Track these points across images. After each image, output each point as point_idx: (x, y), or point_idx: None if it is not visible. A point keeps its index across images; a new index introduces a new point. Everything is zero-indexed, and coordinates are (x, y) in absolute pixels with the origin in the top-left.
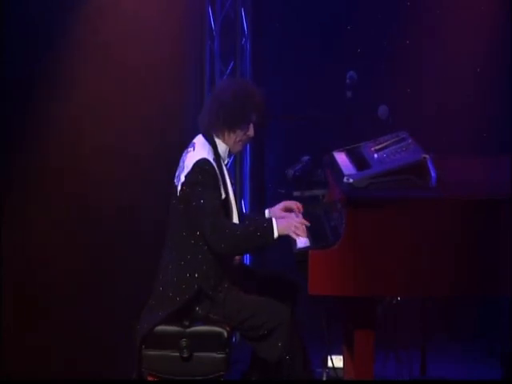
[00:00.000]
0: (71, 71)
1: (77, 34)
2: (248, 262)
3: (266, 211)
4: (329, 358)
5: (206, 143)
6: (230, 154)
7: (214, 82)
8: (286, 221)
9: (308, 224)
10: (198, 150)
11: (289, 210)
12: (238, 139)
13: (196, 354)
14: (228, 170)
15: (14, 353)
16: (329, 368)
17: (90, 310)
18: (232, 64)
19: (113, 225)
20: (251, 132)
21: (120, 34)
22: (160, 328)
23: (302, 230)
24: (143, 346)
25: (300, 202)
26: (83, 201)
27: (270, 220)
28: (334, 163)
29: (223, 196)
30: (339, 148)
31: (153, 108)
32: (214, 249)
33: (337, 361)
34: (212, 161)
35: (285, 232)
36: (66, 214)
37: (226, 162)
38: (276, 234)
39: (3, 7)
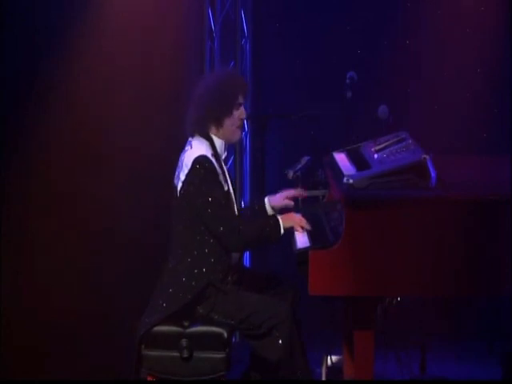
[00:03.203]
0: (71, 71)
1: (76, 35)
2: (248, 263)
3: (266, 199)
4: (329, 357)
5: (203, 140)
6: (226, 147)
7: None
8: (289, 216)
9: (309, 227)
10: (196, 147)
11: (290, 199)
12: (233, 127)
13: (196, 353)
14: (227, 168)
15: (14, 353)
16: (329, 368)
17: (89, 309)
18: (232, 64)
19: (113, 224)
20: (242, 114)
21: (120, 35)
22: (160, 328)
23: (305, 223)
24: (143, 346)
25: (300, 201)
26: (83, 200)
27: (275, 217)
28: (333, 163)
29: (225, 188)
30: (339, 148)
31: (153, 108)
32: (226, 245)
33: (337, 361)
34: (211, 156)
35: (289, 224)
36: (66, 213)
37: (223, 157)
38: (282, 231)
39: (3, 7)
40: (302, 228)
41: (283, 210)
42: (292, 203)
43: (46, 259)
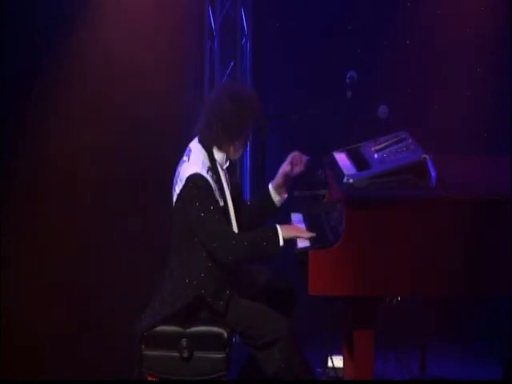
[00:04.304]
0: (71, 71)
1: (77, 35)
2: None
3: (269, 185)
4: (329, 357)
5: (202, 150)
6: (227, 159)
7: (214, 82)
8: (290, 226)
9: (313, 235)
10: (192, 161)
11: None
12: (237, 148)
13: (196, 354)
14: (232, 172)
15: (14, 353)
16: (329, 368)
17: (89, 309)
18: (232, 64)
19: (113, 224)
20: (249, 136)
21: (119, 35)
22: (160, 328)
23: (306, 232)
24: (143, 346)
25: (300, 202)
26: (84, 200)
27: (274, 228)
28: (333, 163)
29: (221, 204)
30: (339, 148)
31: (153, 108)
32: (220, 260)
33: (337, 361)
34: (206, 173)
35: (290, 235)
36: (66, 213)
37: (225, 166)
38: (282, 242)
39: (3, 7)
40: (302, 235)
41: (287, 185)
42: (290, 174)
43: (45, 259)
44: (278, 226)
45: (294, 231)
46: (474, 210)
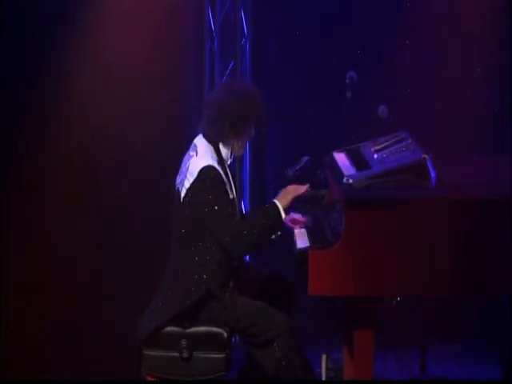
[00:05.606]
0: (71, 71)
1: (77, 34)
2: (248, 258)
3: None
4: (329, 357)
5: (209, 146)
6: (231, 155)
7: (214, 82)
8: (284, 193)
9: (305, 189)
10: (202, 155)
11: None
12: (242, 143)
13: (196, 354)
14: (231, 170)
15: (14, 353)
16: (329, 368)
17: (89, 309)
18: (232, 64)
19: (113, 224)
20: (252, 132)
21: (120, 35)
22: None
23: (302, 187)
24: (143, 346)
25: (300, 201)
26: (83, 201)
27: (273, 204)
28: (333, 163)
29: (231, 197)
30: (339, 148)
31: (152, 108)
32: (232, 252)
33: (337, 361)
34: (217, 166)
35: (287, 200)
36: (66, 213)
37: (228, 162)
38: (283, 215)
39: (3, 7)
40: (298, 196)
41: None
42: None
43: (45, 259)
44: (275, 200)
45: (290, 195)
46: (474, 209)
